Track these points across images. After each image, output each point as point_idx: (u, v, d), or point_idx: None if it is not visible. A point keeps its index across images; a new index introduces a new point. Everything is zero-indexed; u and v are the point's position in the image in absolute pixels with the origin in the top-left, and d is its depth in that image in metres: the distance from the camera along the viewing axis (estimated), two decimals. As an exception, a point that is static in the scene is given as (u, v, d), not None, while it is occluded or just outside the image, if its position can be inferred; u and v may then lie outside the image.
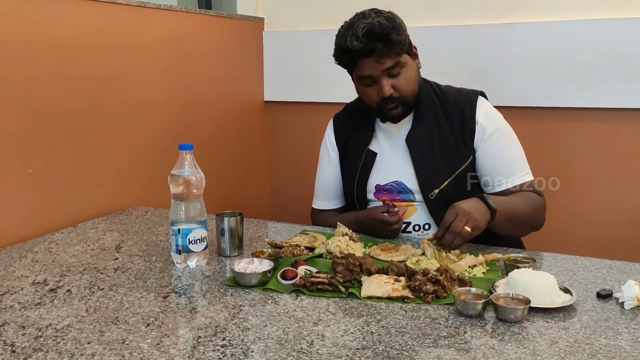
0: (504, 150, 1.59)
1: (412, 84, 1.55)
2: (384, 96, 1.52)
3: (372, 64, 1.49)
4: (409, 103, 1.56)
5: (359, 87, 1.59)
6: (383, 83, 1.51)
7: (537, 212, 1.57)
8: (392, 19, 1.50)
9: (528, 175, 1.59)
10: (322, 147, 1.80)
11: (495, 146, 1.58)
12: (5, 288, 1.23)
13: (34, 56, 1.60)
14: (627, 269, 1.33)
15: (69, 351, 0.96)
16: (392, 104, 1.54)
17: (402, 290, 1.17)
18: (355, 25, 1.47)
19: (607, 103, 2.09)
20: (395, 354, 0.95)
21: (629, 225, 2.13)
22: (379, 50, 1.46)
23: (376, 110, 1.59)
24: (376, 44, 1.46)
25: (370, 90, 1.55)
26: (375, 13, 1.50)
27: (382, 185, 1.64)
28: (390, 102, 1.53)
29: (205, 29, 2.30)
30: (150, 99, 2.03)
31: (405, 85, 1.53)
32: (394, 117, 1.57)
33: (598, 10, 2.08)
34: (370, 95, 1.55)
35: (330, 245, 1.40)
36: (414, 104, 1.59)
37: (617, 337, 1.00)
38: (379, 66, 1.49)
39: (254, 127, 2.66)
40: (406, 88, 1.53)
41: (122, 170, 1.92)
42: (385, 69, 1.50)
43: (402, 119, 1.60)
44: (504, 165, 1.58)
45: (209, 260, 1.40)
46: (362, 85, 1.56)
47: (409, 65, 1.54)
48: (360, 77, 1.54)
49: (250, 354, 0.95)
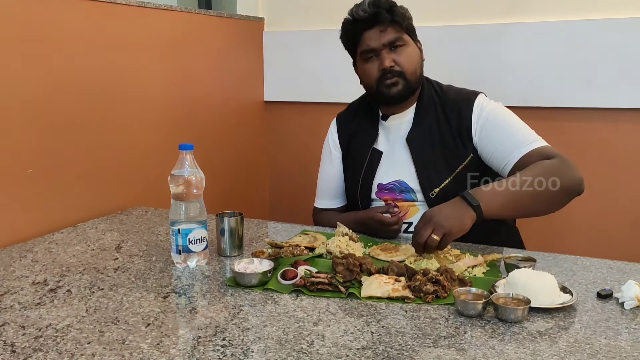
0: (502, 128, 1.54)
1: (413, 64, 1.58)
2: (384, 67, 1.55)
3: (375, 35, 1.55)
4: (409, 81, 1.57)
5: (361, 66, 1.62)
6: (384, 55, 1.56)
7: (557, 176, 1.39)
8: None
9: (537, 142, 1.49)
10: (324, 146, 1.80)
11: (492, 129, 1.54)
12: (5, 288, 1.23)
13: (33, 56, 1.60)
14: (627, 269, 1.33)
15: (69, 351, 0.96)
16: (392, 78, 1.56)
17: (402, 290, 1.17)
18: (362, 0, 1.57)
19: (607, 103, 2.09)
20: (395, 354, 0.95)
21: (629, 225, 2.13)
22: (383, 17, 1.53)
23: (376, 90, 1.60)
24: (381, 10, 1.54)
25: (372, 66, 1.58)
26: None
27: (384, 184, 1.64)
28: (391, 76, 1.56)
29: (205, 29, 2.30)
30: (150, 99, 2.03)
31: (406, 61, 1.57)
32: (394, 94, 1.57)
33: (598, 10, 2.08)
34: (371, 71, 1.58)
35: (330, 245, 1.40)
36: (414, 86, 1.60)
37: (617, 337, 1.00)
38: (381, 38, 1.55)
39: (254, 127, 2.66)
40: (407, 64, 1.57)
41: (122, 170, 1.92)
42: (387, 42, 1.55)
43: (401, 101, 1.60)
44: (505, 140, 1.51)
45: (209, 260, 1.40)
46: (364, 62, 1.59)
47: (411, 45, 1.59)
48: (363, 52, 1.58)
49: (250, 354, 0.95)
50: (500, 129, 1.55)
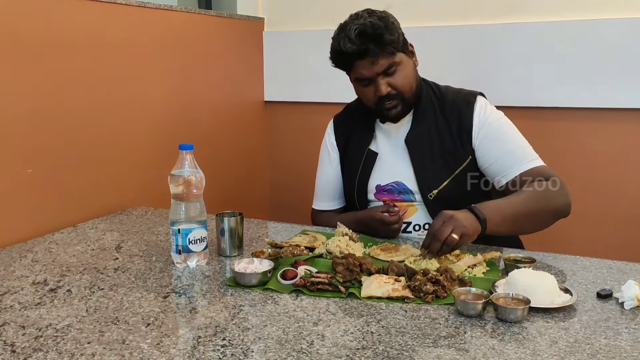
0: (503, 140, 1.56)
1: (409, 82, 1.55)
2: (381, 95, 1.52)
3: (367, 65, 1.50)
4: (408, 101, 1.56)
5: (357, 88, 1.60)
6: (379, 82, 1.51)
7: (551, 201, 1.45)
8: (384, 18, 1.50)
9: (536, 161, 1.52)
10: (322, 148, 1.80)
11: (492, 138, 1.56)
12: (5, 288, 1.23)
13: (33, 56, 1.60)
14: (627, 269, 1.33)
15: (69, 351, 0.96)
16: (391, 103, 1.54)
17: (402, 290, 1.17)
18: (348, 27, 1.47)
19: (607, 103, 2.09)
20: (395, 354, 0.95)
21: (629, 226, 2.13)
22: (372, 51, 1.47)
23: (375, 111, 1.59)
24: (369, 44, 1.46)
25: (368, 91, 1.55)
26: (368, 13, 1.50)
27: (382, 185, 1.64)
28: (389, 100, 1.54)
29: (205, 29, 2.30)
30: (151, 99, 2.04)
31: (402, 82, 1.53)
32: (394, 116, 1.57)
33: (598, 10, 2.08)
34: (368, 95, 1.56)
35: (330, 245, 1.40)
36: (413, 102, 1.59)
37: (617, 337, 1.00)
38: (374, 67, 1.49)
39: (254, 127, 2.66)
40: (403, 85, 1.53)
41: (122, 170, 1.92)
42: (380, 71, 1.50)
43: (401, 119, 1.60)
44: (506, 155, 1.54)
45: (209, 260, 1.40)
46: (360, 86, 1.57)
47: (404, 63, 1.54)
48: (357, 79, 1.55)
49: (250, 354, 0.95)
50: (502, 142, 1.56)
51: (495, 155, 1.55)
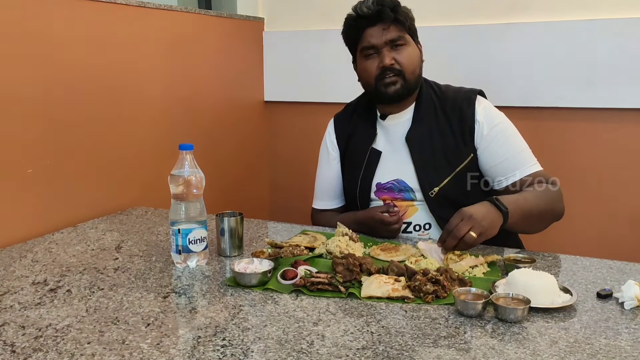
0: (508, 144, 1.58)
1: (413, 64, 1.58)
2: (384, 65, 1.55)
3: (377, 33, 1.55)
4: (408, 81, 1.58)
5: (361, 63, 1.62)
6: (385, 53, 1.56)
7: (554, 203, 1.52)
8: None
9: (536, 165, 1.56)
10: (322, 147, 1.80)
11: (497, 141, 1.57)
12: (5, 288, 1.23)
13: (33, 56, 1.60)
14: (627, 269, 1.33)
15: (69, 351, 0.96)
16: (392, 77, 1.56)
17: (402, 290, 1.17)
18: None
19: (607, 103, 2.09)
20: (395, 354, 0.95)
21: (629, 226, 2.13)
22: (386, 15, 1.53)
23: (375, 91, 1.60)
24: (384, 8, 1.53)
25: (371, 63, 1.58)
26: None
27: (383, 183, 1.64)
28: (390, 74, 1.56)
29: (205, 29, 2.30)
30: (150, 99, 2.03)
31: (407, 61, 1.57)
32: (392, 93, 1.58)
33: (598, 10, 2.08)
34: (370, 69, 1.58)
35: (330, 245, 1.40)
36: (412, 86, 1.60)
37: (617, 337, 1.00)
38: (383, 35, 1.54)
39: (254, 127, 2.66)
40: (406, 63, 1.57)
41: (122, 170, 1.92)
42: (389, 40, 1.54)
43: (399, 100, 1.60)
44: (509, 158, 1.56)
45: (209, 260, 1.40)
46: (364, 58, 1.59)
47: (411, 45, 1.59)
48: (364, 48, 1.58)
49: (250, 354, 0.95)
50: (506, 146, 1.57)
51: (499, 158, 1.57)
